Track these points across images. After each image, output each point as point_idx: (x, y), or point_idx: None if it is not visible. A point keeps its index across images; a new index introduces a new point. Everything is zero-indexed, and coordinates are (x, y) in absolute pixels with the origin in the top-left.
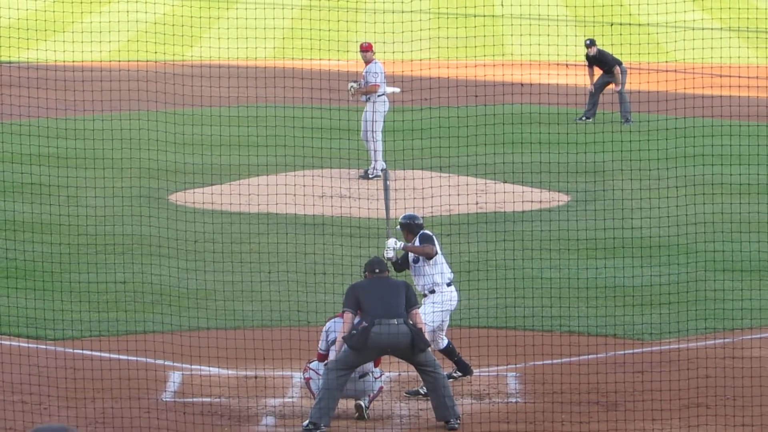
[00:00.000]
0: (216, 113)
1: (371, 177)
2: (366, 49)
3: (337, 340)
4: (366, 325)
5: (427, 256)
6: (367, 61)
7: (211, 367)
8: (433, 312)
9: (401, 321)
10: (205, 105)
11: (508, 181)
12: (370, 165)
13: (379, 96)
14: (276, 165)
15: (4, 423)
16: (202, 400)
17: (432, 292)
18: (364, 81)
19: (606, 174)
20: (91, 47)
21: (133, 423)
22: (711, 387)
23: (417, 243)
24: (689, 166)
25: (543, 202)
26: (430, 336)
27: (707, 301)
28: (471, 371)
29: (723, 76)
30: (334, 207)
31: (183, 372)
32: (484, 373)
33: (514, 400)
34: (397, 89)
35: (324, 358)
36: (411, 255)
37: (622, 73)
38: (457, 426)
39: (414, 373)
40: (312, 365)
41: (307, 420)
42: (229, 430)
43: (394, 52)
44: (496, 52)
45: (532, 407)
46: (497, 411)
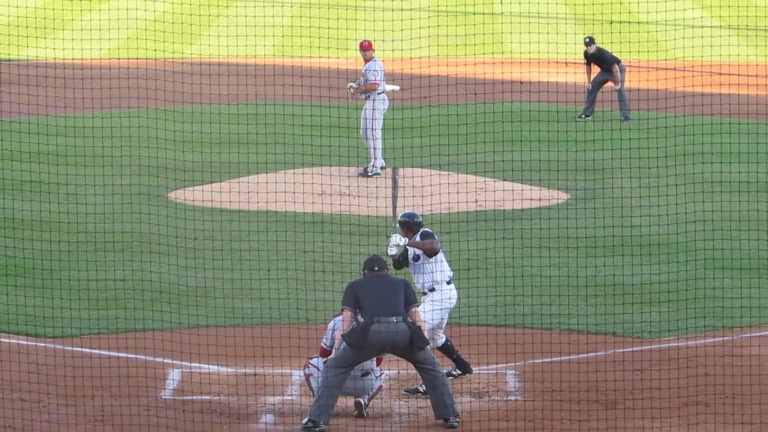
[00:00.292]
0: (216, 111)
1: (371, 175)
2: (366, 47)
3: (336, 338)
4: (365, 323)
5: (432, 251)
6: (367, 59)
7: (210, 364)
8: (433, 310)
9: (400, 319)
10: (205, 102)
11: (507, 179)
12: (370, 163)
13: (378, 94)
14: (275, 163)
15: (3, 421)
16: (201, 397)
17: (432, 290)
18: (364, 79)
19: (605, 172)
20: (91, 45)
21: (133, 421)
22: (710, 385)
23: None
24: (688, 164)
25: (542, 200)
26: (429, 334)
27: (706, 299)
28: (470, 369)
29: (722, 74)
30: (333, 205)
31: (182, 370)
32: (483, 371)
33: (514, 398)
34: (397, 87)
35: (327, 354)
36: (411, 253)
37: (621, 72)
38: (456, 424)
39: (413, 371)
40: (313, 361)
41: (307, 418)
42: (228, 428)
43: (394, 50)
44: (496, 50)
45: (532, 405)
46: (496, 409)
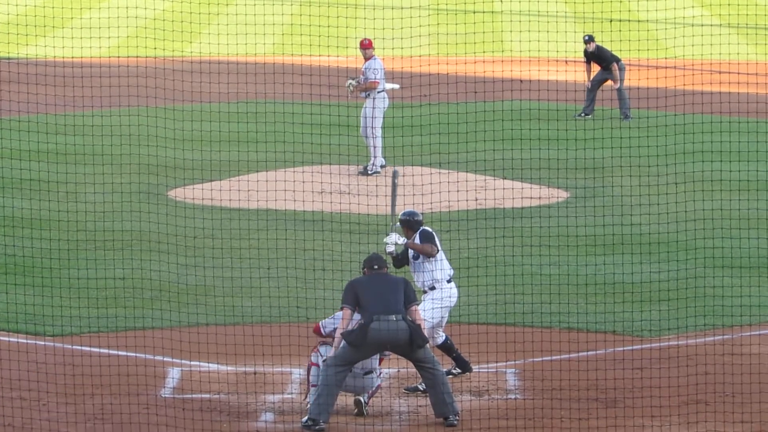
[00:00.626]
0: (215, 109)
1: (370, 173)
2: (366, 45)
3: (336, 336)
4: (365, 321)
5: (428, 255)
6: (367, 58)
7: (210, 363)
8: (433, 308)
9: (400, 317)
10: (205, 101)
11: (507, 177)
12: (370, 161)
13: (378, 92)
14: (275, 161)
15: (3, 419)
16: (201, 396)
17: (432, 288)
18: (364, 77)
19: (605, 170)
20: (91, 43)
21: (132, 419)
22: (710, 384)
23: (417, 240)
24: (688, 162)
25: (542, 198)
26: (428, 332)
27: (706, 297)
28: (470, 368)
29: (722, 73)
30: (333, 203)
31: (182, 368)
32: (483, 370)
33: (513, 397)
34: (397, 86)
35: (319, 333)
36: (411, 252)
37: (620, 70)
38: (456, 423)
39: (413, 370)
40: (322, 350)
41: (306, 416)
42: (228, 426)
43: (393, 48)
44: (496, 48)
45: (531, 404)
46: (496, 408)
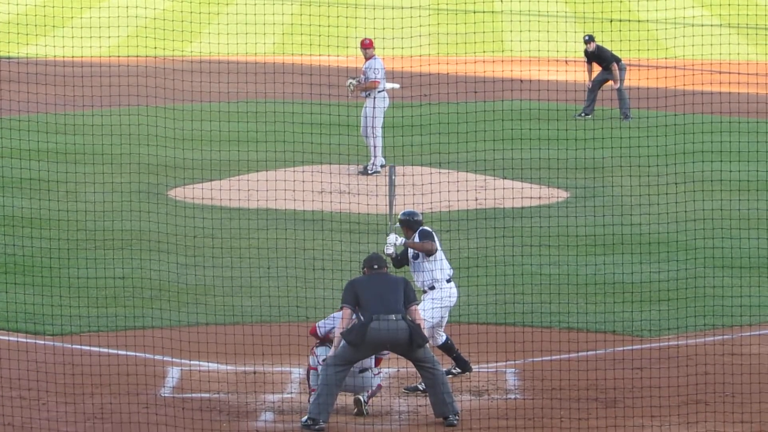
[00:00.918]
0: (215, 109)
1: (370, 173)
2: (367, 45)
3: (335, 336)
4: (364, 320)
5: (428, 253)
6: (368, 57)
7: (210, 362)
8: (433, 308)
9: (399, 317)
10: (205, 101)
11: (507, 177)
12: (370, 161)
13: (379, 92)
14: (276, 160)
15: (3, 419)
16: (200, 395)
17: (432, 288)
18: (364, 77)
19: (605, 170)
20: (91, 42)
21: (132, 418)
22: (710, 383)
23: (417, 239)
24: (688, 162)
25: (542, 198)
26: (428, 332)
27: (706, 297)
28: (470, 368)
29: (722, 73)
30: (333, 203)
31: (182, 367)
32: (483, 370)
33: (513, 397)
34: (397, 85)
35: (314, 334)
36: (411, 251)
37: (620, 70)
38: (455, 422)
39: (413, 369)
40: (318, 351)
41: (306, 416)
42: (227, 426)
43: (394, 48)
44: (496, 48)
45: (531, 404)
46: (496, 407)
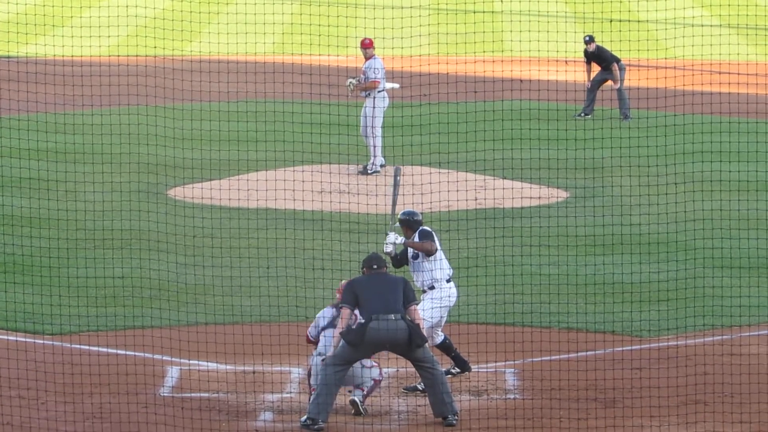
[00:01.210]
0: (215, 108)
1: (370, 172)
2: (367, 45)
3: (335, 336)
4: (364, 320)
5: (428, 253)
6: (368, 57)
7: (209, 362)
8: (432, 308)
9: (399, 317)
10: (205, 100)
11: (507, 177)
12: (369, 160)
13: (378, 92)
14: (275, 160)
15: (2, 418)
16: (200, 395)
17: (431, 288)
18: (364, 77)
19: (605, 170)
20: (90, 42)
21: (131, 418)
22: (709, 384)
23: (416, 239)
24: (688, 162)
25: (542, 198)
26: (427, 332)
27: (705, 297)
28: (469, 367)
29: (722, 73)
30: (333, 202)
31: (181, 367)
32: (482, 370)
33: (513, 397)
34: (397, 85)
35: (309, 342)
36: (410, 251)
37: (620, 70)
38: (455, 422)
39: (412, 369)
40: (317, 351)
41: (305, 415)
42: (227, 426)
43: (394, 48)
44: (496, 48)
45: (531, 404)
46: (495, 407)
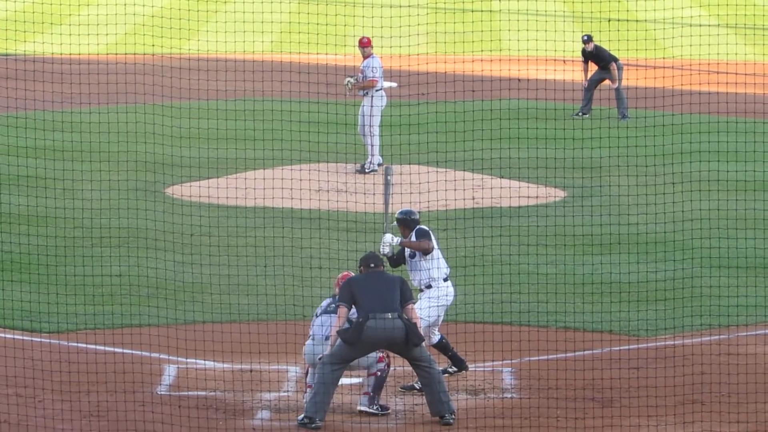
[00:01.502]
0: (213, 107)
1: (368, 171)
2: (365, 44)
3: (332, 335)
4: (361, 319)
5: (425, 252)
6: (366, 56)
7: (206, 360)
8: (429, 307)
9: (396, 315)
10: (202, 98)
11: (504, 176)
12: (367, 159)
13: (376, 91)
14: (272, 159)
15: None
16: (197, 393)
17: (428, 287)
18: (362, 76)
19: (602, 170)
20: (88, 40)
21: (128, 416)
22: (706, 383)
23: (413, 238)
24: (685, 162)
25: (539, 197)
26: (424, 331)
27: (703, 297)
28: (466, 366)
29: (720, 73)
30: (330, 201)
31: (178, 365)
32: (479, 369)
33: (510, 396)
34: (395, 84)
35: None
36: (407, 250)
37: (618, 70)
38: (452, 421)
39: (409, 368)
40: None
41: (303, 414)
42: (224, 424)
43: (392, 47)
44: (494, 47)
45: (528, 403)
46: (492, 406)
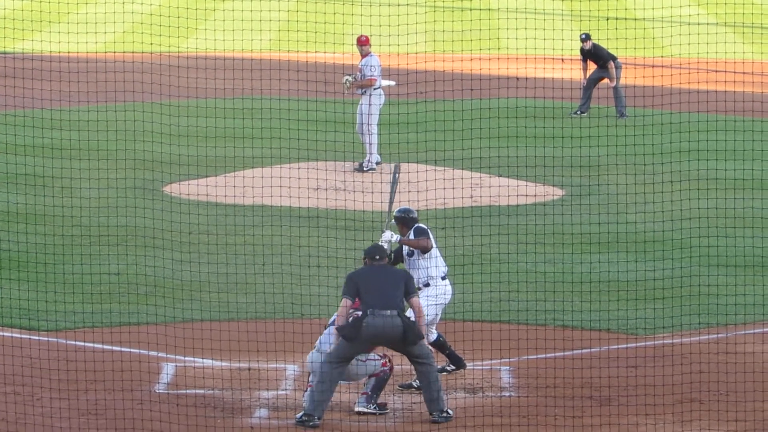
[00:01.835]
0: (211, 105)
1: (366, 170)
2: (363, 42)
3: (333, 333)
4: (359, 315)
5: (423, 250)
6: (364, 55)
7: (204, 358)
8: (428, 305)
9: (395, 313)
10: (201, 97)
11: (502, 174)
12: (365, 158)
13: (375, 89)
14: (271, 157)
15: None
16: (195, 391)
17: (427, 285)
18: (361, 74)
19: (600, 168)
20: (87, 38)
21: (126, 414)
22: (704, 382)
23: (412, 236)
24: (684, 161)
25: (537, 196)
26: (422, 329)
27: (701, 296)
28: (464, 364)
29: (718, 72)
30: (328, 200)
31: (176, 364)
32: (477, 367)
33: (508, 394)
34: (393, 82)
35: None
36: (406, 248)
37: (616, 68)
38: (440, 420)
39: (407, 367)
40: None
41: (301, 412)
42: (222, 422)
43: (390, 45)
44: (492, 46)
45: (526, 401)
46: (490, 405)
